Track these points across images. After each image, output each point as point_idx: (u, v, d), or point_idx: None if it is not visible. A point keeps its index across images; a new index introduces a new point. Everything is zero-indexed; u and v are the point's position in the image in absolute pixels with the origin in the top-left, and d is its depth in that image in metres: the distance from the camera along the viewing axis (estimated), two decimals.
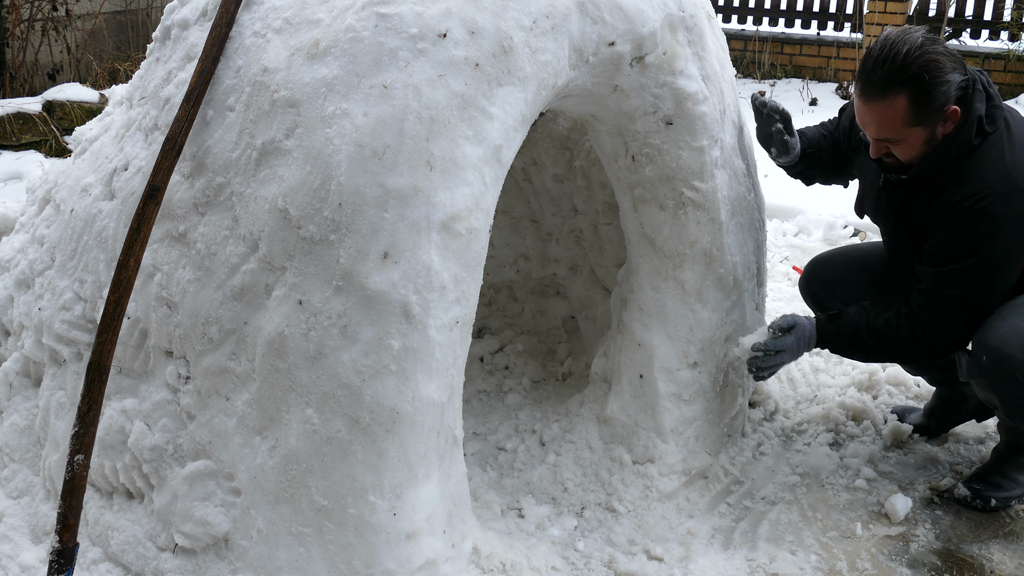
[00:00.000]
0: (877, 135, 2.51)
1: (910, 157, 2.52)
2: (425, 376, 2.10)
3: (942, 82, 2.39)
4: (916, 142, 2.48)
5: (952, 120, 2.45)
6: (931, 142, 2.48)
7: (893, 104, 2.41)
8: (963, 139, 2.46)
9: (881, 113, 2.44)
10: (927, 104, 2.41)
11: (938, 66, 2.38)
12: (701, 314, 2.79)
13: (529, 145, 3.44)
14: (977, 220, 2.44)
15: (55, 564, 2.08)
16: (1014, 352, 2.45)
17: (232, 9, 2.31)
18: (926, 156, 2.51)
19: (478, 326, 3.56)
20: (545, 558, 2.46)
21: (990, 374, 2.52)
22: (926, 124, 2.44)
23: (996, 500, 2.74)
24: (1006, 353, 2.46)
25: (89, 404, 2.10)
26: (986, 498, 2.75)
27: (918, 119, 2.43)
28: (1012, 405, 2.58)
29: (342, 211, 2.07)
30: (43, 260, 2.76)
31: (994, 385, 2.55)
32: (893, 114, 2.43)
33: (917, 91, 2.39)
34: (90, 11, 7.71)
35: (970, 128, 2.45)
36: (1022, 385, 2.48)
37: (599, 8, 2.33)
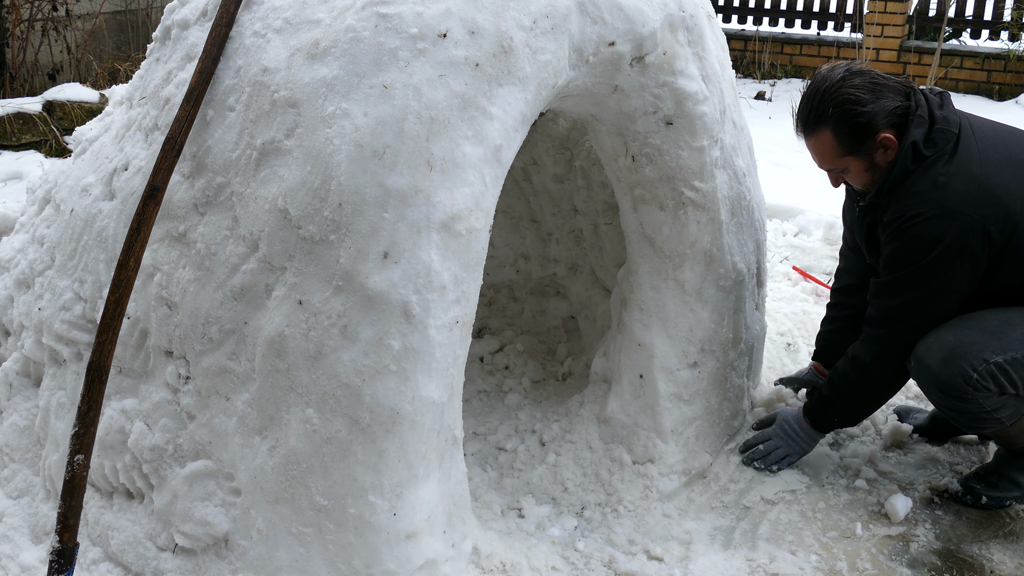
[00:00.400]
0: (821, 166, 2.70)
1: (862, 184, 2.67)
2: (425, 376, 2.10)
3: (859, 114, 2.52)
4: (859, 170, 2.62)
5: (891, 148, 2.56)
6: (873, 169, 2.61)
7: (820, 138, 2.60)
8: (901, 165, 2.55)
9: (815, 147, 2.65)
10: (851, 135, 2.55)
11: (855, 99, 2.52)
12: (701, 314, 2.79)
13: (529, 145, 3.44)
14: (907, 240, 2.53)
15: (55, 564, 2.08)
16: (932, 364, 2.52)
17: (232, 9, 2.31)
18: (874, 182, 2.63)
19: (478, 326, 3.56)
20: (545, 558, 2.46)
21: (916, 381, 2.64)
22: (859, 154, 2.58)
23: (987, 498, 2.74)
24: (926, 364, 2.54)
25: (89, 404, 2.10)
26: (978, 495, 2.75)
27: (848, 149, 2.58)
28: (944, 414, 2.66)
29: (342, 211, 2.07)
30: (43, 260, 2.76)
31: (925, 393, 2.65)
32: (824, 147, 2.61)
33: (837, 125, 2.55)
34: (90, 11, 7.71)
35: (906, 154, 2.54)
36: (939, 396, 2.55)
37: (599, 8, 2.33)
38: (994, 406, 2.51)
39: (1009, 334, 2.50)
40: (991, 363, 2.46)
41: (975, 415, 2.54)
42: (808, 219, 5.17)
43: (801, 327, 3.91)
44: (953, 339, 2.51)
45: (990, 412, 2.52)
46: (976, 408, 2.51)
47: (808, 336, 3.83)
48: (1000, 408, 2.52)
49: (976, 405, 2.50)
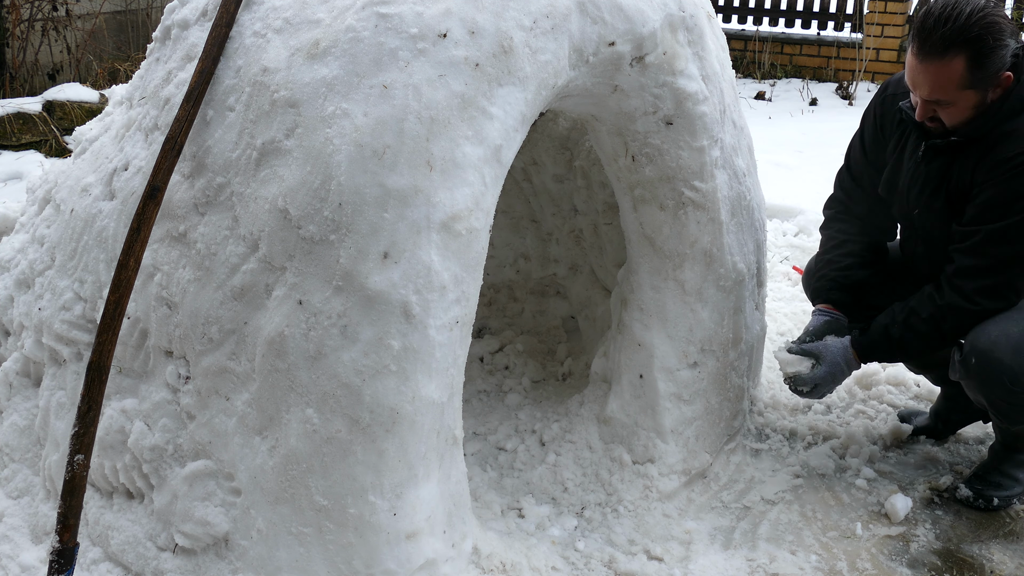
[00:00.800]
0: (929, 96, 2.45)
1: (956, 121, 2.48)
2: (425, 376, 2.10)
3: (1002, 46, 2.35)
4: (967, 106, 2.44)
5: (1003, 86, 2.42)
6: (981, 106, 2.44)
7: (950, 65, 2.36)
8: (1017, 98, 2.43)
9: (936, 73, 2.39)
10: (984, 67, 2.36)
11: (999, 29, 2.34)
12: (701, 314, 2.79)
13: (529, 145, 3.44)
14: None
15: (55, 564, 2.08)
16: (1003, 356, 2.46)
17: (232, 9, 2.31)
18: (974, 119, 2.47)
19: (478, 326, 3.56)
20: (545, 558, 2.46)
21: (979, 377, 2.53)
22: (979, 88, 2.40)
23: (999, 499, 2.75)
24: (995, 357, 2.47)
25: (89, 404, 2.10)
26: (988, 498, 2.75)
27: (973, 82, 2.39)
28: (1000, 408, 2.60)
29: (342, 211, 2.07)
30: (43, 260, 2.76)
31: (982, 388, 2.57)
32: (949, 75, 2.38)
33: (976, 54, 2.35)
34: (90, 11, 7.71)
35: (1021, 89, 2.42)
36: (1009, 390, 2.50)
37: (599, 8, 2.33)
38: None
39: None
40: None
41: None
42: (808, 219, 5.17)
43: (801, 327, 3.90)
44: (1018, 331, 2.47)
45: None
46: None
47: None
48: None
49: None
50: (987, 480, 2.78)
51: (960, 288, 2.54)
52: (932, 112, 2.49)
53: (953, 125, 2.50)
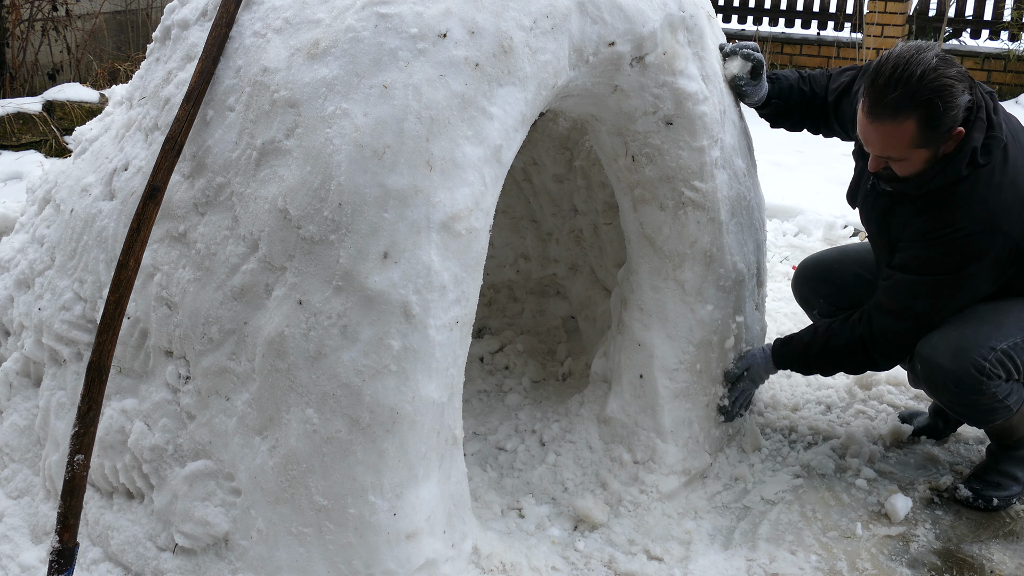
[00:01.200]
0: (881, 153, 2.47)
1: (909, 173, 2.50)
2: (425, 376, 2.10)
3: (953, 107, 2.34)
4: (918, 161, 2.45)
5: (955, 140, 2.42)
6: (933, 160, 2.46)
7: (902, 127, 2.37)
8: (955, 168, 2.44)
9: (888, 134, 2.40)
10: (936, 128, 2.36)
11: (951, 91, 2.33)
12: (701, 314, 2.79)
13: (529, 145, 3.44)
14: (948, 249, 2.49)
15: (55, 564, 2.08)
16: (943, 362, 2.52)
17: (232, 9, 2.31)
18: (920, 174, 2.49)
19: (478, 326, 3.56)
20: (545, 558, 2.46)
21: (927, 383, 2.62)
22: (932, 146, 2.41)
23: (998, 499, 2.75)
24: (936, 362, 2.53)
25: (89, 404, 2.10)
26: (988, 498, 2.75)
27: (925, 142, 2.40)
28: (957, 411, 2.66)
29: (342, 211, 2.07)
30: (43, 260, 2.76)
31: (933, 393, 2.66)
32: (901, 136, 2.39)
33: (928, 116, 2.34)
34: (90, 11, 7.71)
35: (963, 158, 2.42)
36: (955, 392, 2.54)
37: (599, 8, 2.33)
38: (1004, 393, 2.53)
39: (1005, 321, 2.54)
40: (998, 350, 2.49)
41: (987, 407, 2.55)
42: (808, 219, 5.17)
43: (801, 327, 3.90)
44: (957, 335, 2.52)
45: (1002, 400, 2.54)
46: (989, 399, 2.52)
47: None
48: (1009, 395, 2.55)
49: (989, 395, 2.51)
50: (986, 480, 2.78)
51: (872, 322, 2.66)
52: (884, 164, 2.51)
53: (905, 176, 2.51)
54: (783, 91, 2.97)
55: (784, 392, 3.36)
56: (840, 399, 3.33)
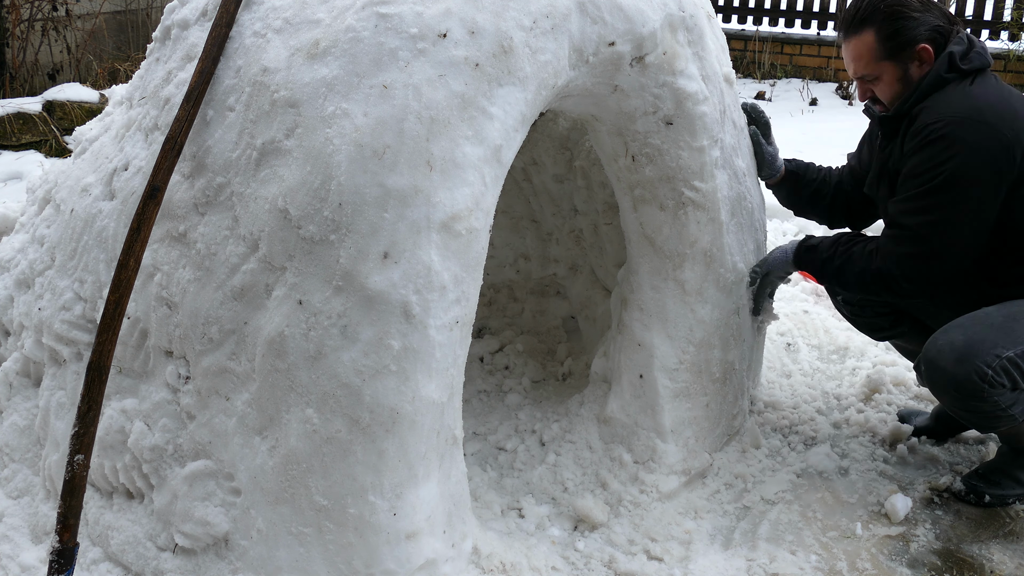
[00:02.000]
0: (855, 73, 2.69)
1: (889, 96, 2.67)
2: (425, 376, 2.10)
3: (907, 18, 2.57)
4: (891, 79, 2.64)
5: (926, 61, 2.59)
6: (905, 80, 2.63)
7: (862, 38, 2.62)
8: (935, 72, 2.58)
9: (854, 48, 2.65)
10: (894, 38, 2.58)
11: (904, 5, 2.58)
12: (701, 314, 2.79)
13: (529, 145, 3.44)
14: (936, 146, 2.50)
15: (55, 564, 2.08)
16: (946, 366, 2.51)
17: (232, 9, 2.31)
18: (902, 97, 2.64)
19: (478, 326, 3.56)
20: (545, 558, 2.46)
21: (931, 386, 2.61)
22: (896, 59, 2.61)
23: (991, 497, 2.75)
24: (939, 366, 2.52)
25: (89, 404, 2.10)
26: (980, 494, 2.75)
27: (887, 53, 2.60)
28: (960, 415, 2.65)
29: (342, 211, 2.07)
30: (43, 260, 2.76)
31: (937, 396, 2.64)
32: (863, 48, 2.63)
33: (882, 25, 2.58)
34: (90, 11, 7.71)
35: (942, 63, 2.57)
36: (955, 398, 2.54)
37: (599, 8, 2.33)
38: (1008, 402, 2.51)
39: (1015, 328, 2.51)
40: (1003, 358, 2.46)
41: (989, 414, 2.54)
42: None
43: (801, 327, 3.91)
44: (963, 339, 2.50)
45: (1005, 409, 2.52)
46: (991, 407, 2.51)
47: (808, 336, 3.84)
48: (1014, 404, 2.53)
49: (991, 403, 2.50)
50: (987, 478, 2.78)
51: (887, 254, 2.62)
52: (868, 92, 2.71)
53: (888, 100, 2.68)
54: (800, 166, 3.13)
55: (784, 392, 3.36)
56: (840, 399, 3.33)
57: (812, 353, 3.70)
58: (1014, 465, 2.77)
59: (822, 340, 3.80)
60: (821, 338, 3.80)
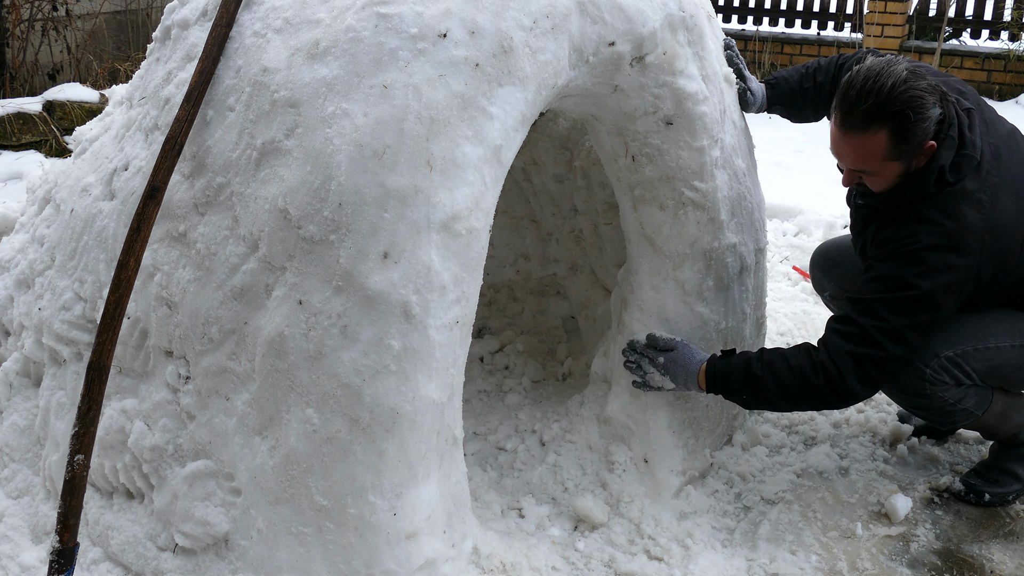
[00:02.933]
0: (853, 166, 2.48)
1: (882, 188, 2.50)
2: (425, 376, 2.10)
3: (923, 119, 2.35)
4: (891, 175, 2.45)
5: (927, 155, 2.42)
6: (905, 175, 2.46)
7: (873, 139, 2.37)
8: (923, 184, 2.43)
9: (860, 146, 2.41)
10: (907, 141, 2.37)
11: (921, 103, 2.33)
12: (701, 314, 2.79)
13: (529, 145, 3.44)
14: (910, 261, 2.40)
15: (55, 564, 2.08)
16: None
17: (232, 9, 2.31)
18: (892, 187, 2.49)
19: (478, 326, 3.56)
20: (545, 558, 2.46)
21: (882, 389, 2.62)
22: (903, 159, 2.41)
23: (990, 495, 2.76)
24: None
25: (89, 404, 2.10)
26: (980, 493, 2.76)
27: (897, 155, 2.40)
28: (916, 415, 2.73)
29: (342, 211, 2.07)
30: (43, 260, 2.76)
31: (889, 396, 2.67)
32: (872, 148, 2.39)
33: (899, 127, 2.35)
34: (90, 11, 7.71)
35: (931, 176, 2.41)
36: (900, 398, 2.61)
37: (599, 8, 2.33)
38: (955, 397, 2.54)
39: (957, 330, 2.54)
40: (942, 357, 2.50)
41: (941, 410, 2.57)
42: (808, 219, 5.17)
43: (801, 327, 3.91)
44: None
45: (954, 404, 2.55)
46: (939, 403, 2.54)
47: (808, 336, 3.83)
48: (963, 399, 2.56)
49: (937, 400, 2.53)
50: (985, 476, 2.79)
51: (832, 347, 2.47)
52: (858, 179, 2.51)
53: (879, 191, 2.51)
54: (783, 96, 3.01)
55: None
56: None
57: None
58: (1008, 459, 2.79)
59: None
60: None
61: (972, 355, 2.52)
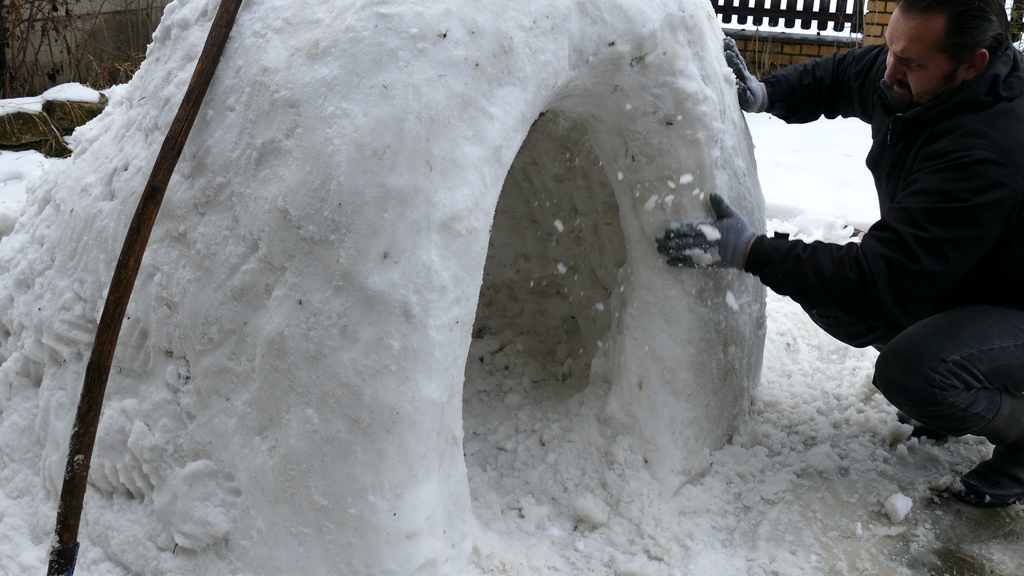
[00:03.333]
0: (903, 52, 2.46)
1: (923, 89, 2.48)
2: (425, 376, 2.10)
3: (984, 18, 2.37)
4: (936, 73, 2.44)
5: (977, 67, 2.41)
6: (949, 79, 2.44)
7: (930, 23, 2.38)
8: (972, 92, 2.42)
9: (916, 28, 2.41)
10: (963, 34, 2.37)
11: (984, 9, 2.36)
12: (701, 314, 2.79)
13: (529, 145, 3.44)
14: (957, 174, 2.37)
15: (55, 564, 2.08)
16: (896, 377, 2.58)
17: (232, 9, 2.31)
18: (936, 96, 2.47)
19: (478, 326, 3.56)
20: (545, 558, 2.46)
21: (887, 397, 2.67)
22: (953, 56, 2.40)
23: (991, 496, 2.76)
24: (890, 379, 2.60)
25: (89, 404, 2.10)
26: (981, 494, 2.76)
27: (949, 47, 2.39)
28: (926, 422, 2.69)
29: (342, 211, 2.07)
30: (43, 260, 2.76)
31: (899, 407, 2.70)
32: (927, 33, 2.39)
33: (958, 18, 2.36)
34: (90, 11, 7.71)
35: (983, 83, 2.41)
36: (910, 406, 2.60)
37: (599, 8, 2.33)
38: (967, 402, 2.53)
39: (960, 333, 2.53)
40: (949, 361, 2.49)
41: (952, 416, 2.55)
42: (808, 219, 5.17)
43: (801, 327, 3.91)
44: (908, 348, 2.55)
45: (965, 409, 2.54)
46: (949, 409, 2.53)
47: (808, 336, 3.84)
48: (974, 403, 2.54)
49: (948, 406, 2.52)
50: (987, 478, 2.79)
51: (869, 250, 2.45)
52: (902, 74, 2.50)
53: (919, 92, 2.50)
54: (784, 94, 3.02)
55: (784, 392, 3.36)
56: (840, 399, 3.33)
57: (812, 353, 3.70)
58: (1011, 463, 2.78)
59: (822, 340, 3.79)
60: (821, 338, 3.80)
61: (978, 357, 2.51)
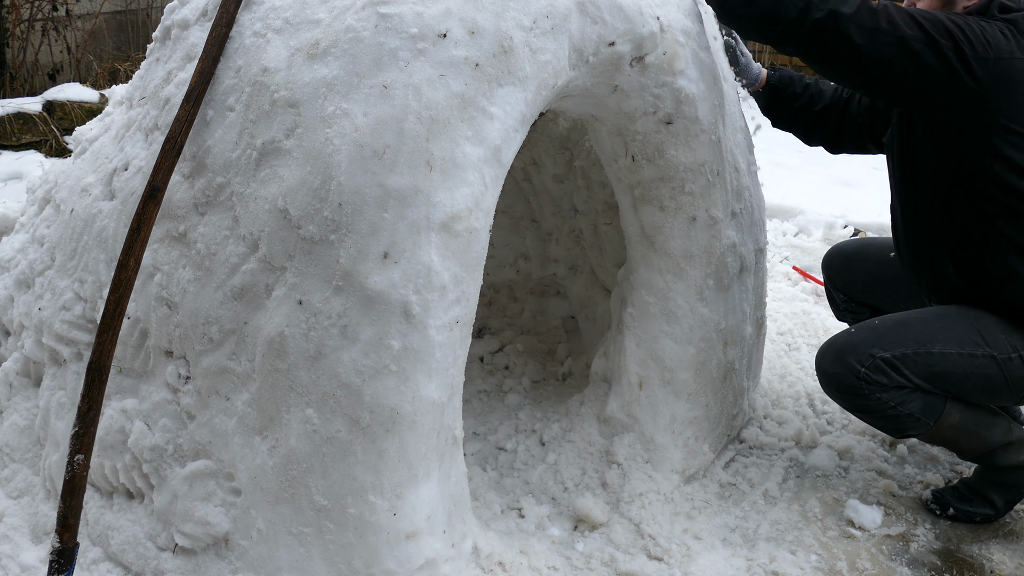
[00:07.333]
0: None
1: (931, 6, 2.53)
2: (425, 376, 2.10)
3: None
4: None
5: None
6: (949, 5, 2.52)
7: None
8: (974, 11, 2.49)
9: None
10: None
11: None
12: (701, 314, 2.79)
13: (529, 145, 3.44)
14: (945, 9, 2.49)
15: (55, 564, 2.08)
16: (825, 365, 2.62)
17: (232, 9, 2.31)
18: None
19: (478, 326, 3.56)
20: (545, 558, 2.46)
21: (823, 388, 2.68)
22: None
23: (955, 510, 2.70)
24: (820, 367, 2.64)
25: (89, 404, 2.10)
26: (945, 505, 2.71)
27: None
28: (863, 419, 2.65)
29: (342, 211, 2.07)
30: (43, 260, 2.76)
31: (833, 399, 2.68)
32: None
33: None
34: (90, 11, 7.71)
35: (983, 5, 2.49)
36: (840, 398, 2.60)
37: (599, 8, 2.33)
38: (896, 400, 2.51)
39: (901, 332, 2.53)
40: (878, 358, 2.49)
41: (883, 413, 2.54)
42: (808, 219, 5.18)
43: (801, 327, 3.91)
44: (843, 340, 2.59)
45: (896, 407, 2.52)
46: (878, 404, 2.52)
47: (808, 336, 3.84)
48: (905, 403, 2.52)
49: (875, 401, 2.51)
50: (960, 493, 2.73)
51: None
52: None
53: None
54: (784, 78, 3.03)
55: (784, 392, 3.36)
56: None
57: (812, 353, 3.70)
58: (988, 486, 2.70)
59: (822, 340, 3.79)
60: (821, 338, 3.80)
61: (911, 359, 2.49)
